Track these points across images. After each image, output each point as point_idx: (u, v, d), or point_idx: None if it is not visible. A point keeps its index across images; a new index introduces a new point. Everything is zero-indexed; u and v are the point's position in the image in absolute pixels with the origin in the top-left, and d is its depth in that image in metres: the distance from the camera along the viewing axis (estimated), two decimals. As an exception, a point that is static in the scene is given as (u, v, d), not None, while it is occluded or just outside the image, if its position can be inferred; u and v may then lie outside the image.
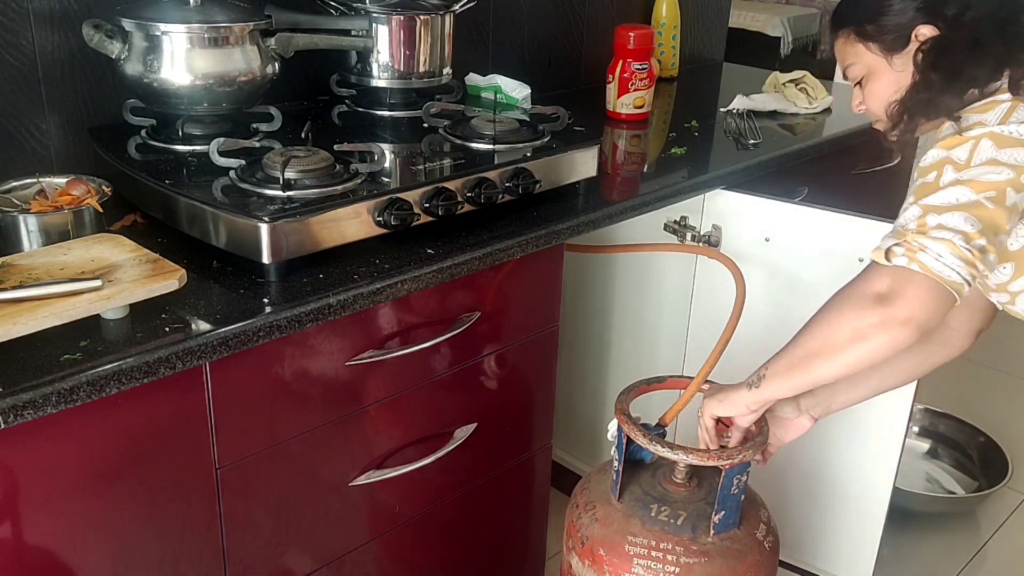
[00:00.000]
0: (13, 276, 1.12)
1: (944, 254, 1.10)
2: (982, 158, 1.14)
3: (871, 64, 1.32)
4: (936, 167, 1.17)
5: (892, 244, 1.14)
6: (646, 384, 1.58)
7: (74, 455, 1.10)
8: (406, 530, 1.56)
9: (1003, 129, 1.15)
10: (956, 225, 1.11)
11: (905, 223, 1.16)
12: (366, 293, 1.27)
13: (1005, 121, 1.16)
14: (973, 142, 1.16)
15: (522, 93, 1.91)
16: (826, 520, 2.02)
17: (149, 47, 1.44)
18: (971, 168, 1.14)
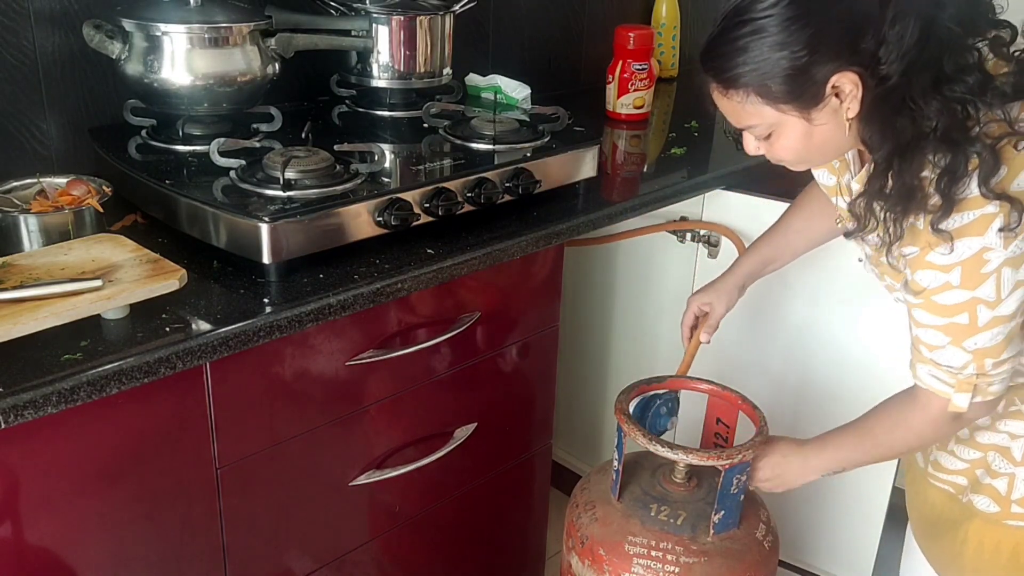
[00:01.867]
0: (13, 276, 1.12)
1: (1006, 376, 1.17)
2: (1009, 287, 1.09)
3: (780, 121, 1.12)
4: (966, 308, 1.11)
5: (969, 398, 1.17)
6: (646, 384, 1.58)
7: (74, 455, 1.10)
8: (406, 530, 1.56)
9: (1015, 251, 1.07)
10: (1010, 354, 1.15)
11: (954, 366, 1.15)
12: (366, 293, 1.27)
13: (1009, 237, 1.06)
14: (995, 277, 1.08)
15: (522, 93, 1.91)
16: (826, 520, 2.02)
17: (149, 47, 1.44)
18: (1004, 301, 1.10)
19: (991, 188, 1.04)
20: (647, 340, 2.13)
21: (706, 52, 1.12)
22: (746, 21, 1.06)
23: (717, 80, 1.12)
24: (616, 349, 2.22)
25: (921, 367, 1.20)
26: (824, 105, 1.08)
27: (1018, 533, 1.26)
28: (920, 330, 1.17)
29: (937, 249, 1.10)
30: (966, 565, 1.32)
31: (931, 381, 1.19)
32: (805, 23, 1.03)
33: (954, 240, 1.08)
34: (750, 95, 1.10)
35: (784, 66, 1.05)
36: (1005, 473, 1.26)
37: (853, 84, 1.05)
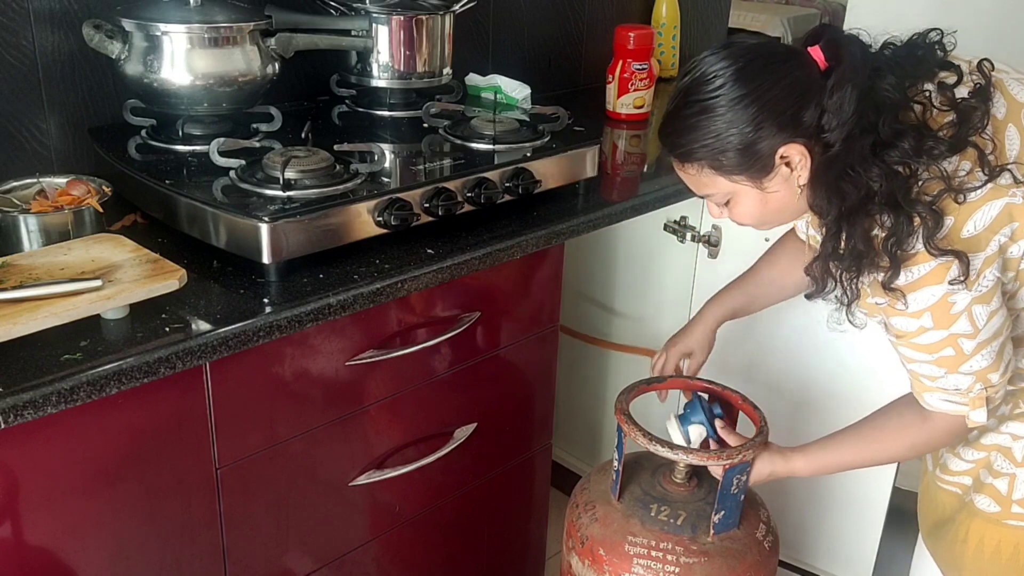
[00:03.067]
0: (13, 276, 1.12)
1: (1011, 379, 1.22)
2: (984, 318, 1.14)
3: (735, 191, 1.18)
4: (948, 344, 1.15)
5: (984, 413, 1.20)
6: (646, 384, 1.58)
7: (74, 455, 1.10)
8: (406, 530, 1.56)
9: (978, 290, 1.12)
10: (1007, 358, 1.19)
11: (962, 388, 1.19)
12: (366, 293, 1.27)
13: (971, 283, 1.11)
14: (967, 314, 1.13)
15: (522, 93, 1.91)
16: (826, 520, 2.02)
17: (149, 47, 1.44)
18: (983, 329, 1.14)
19: (936, 245, 1.09)
20: (647, 340, 2.13)
21: (662, 129, 1.21)
22: (695, 102, 1.13)
23: (673, 154, 1.20)
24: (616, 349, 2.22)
25: (929, 395, 1.22)
26: (774, 174, 1.15)
27: (1018, 533, 1.26)
28: (913, 365, 1.21)
29: (896, 304, 1.14)
30: (966, 565, 1.32)
31: (944, 405, 1.22)
32: (750, 101, 1.10)
33: (906, 295, 1.13)
34: (704, 168, 1.17)
35: (733, 142, 1.12)
36: (1006, 473, 1.26)
37: (800, 154, 1.12)
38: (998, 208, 1.11)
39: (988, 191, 1.10)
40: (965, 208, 1.10)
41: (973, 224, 1.11)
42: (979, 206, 1.10)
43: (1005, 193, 1.11)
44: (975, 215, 1.10)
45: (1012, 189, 1.11)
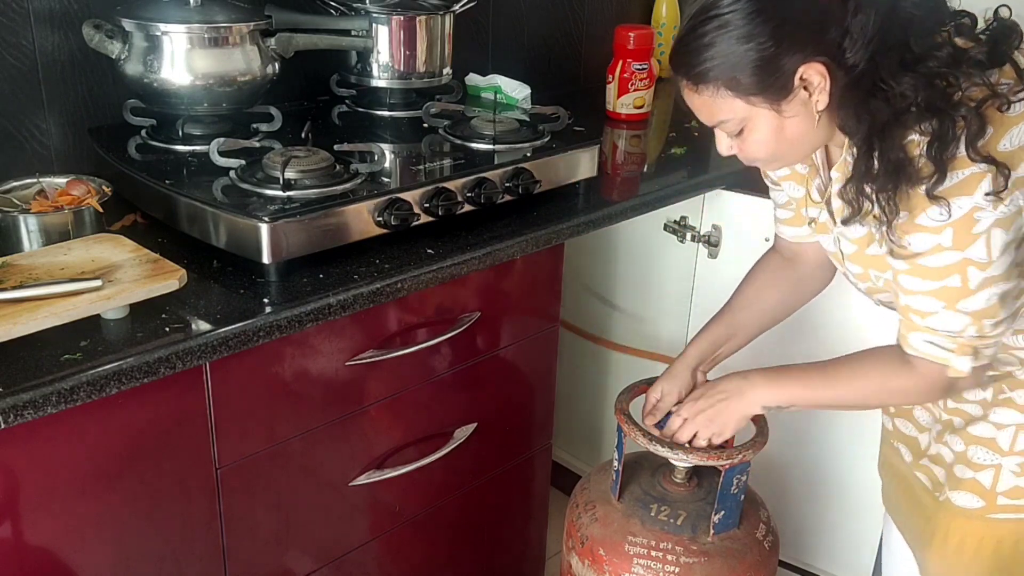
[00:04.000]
0: (13, 276, 1.12)
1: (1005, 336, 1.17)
2: (999, 248, 1.09)
3: (751, 116, 1.14)
4: (957, 270, 1.11)
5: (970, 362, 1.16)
6: (646, 384, 1.58)
7: (74, 455, 1.10)
8: (406, 530, 1.56)
9: (1006, 211, 1.08)
10: (1008, 312, 1.14)
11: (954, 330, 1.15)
12: (366, 293, 1.27)
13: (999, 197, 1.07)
14: (985, 237, 1.08)
15: (522, 93, 1.91)
16: (826, 520, 2.02)
17: (149, 47, 1.44)
18: (995, 263, 1.10)
19: (978, 150, 1.05)
20: (647, 340, 2.13)
21: (675, 51, 1.15)
22: (712, 17, 1.09)
23: (688, 77, 1.14)
24: (617, 341, 2.21)
25: (915, 335, 1.18)
26: (793, 97, 1.10)
27: (1002, 527, 1.24)
28: (910, 298, 1.16)
29: (929, 212, 1.10)
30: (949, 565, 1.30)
31: (927, 348, 1.17)
32: (769, 15, 1.06)
33: (944, 202, 1.08)
34: (720, 89, 1.12)
35: (752, 57, 1.08)
36: (990, 465, 1.23)
37: (820, 75, 1.08)
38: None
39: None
40: (1005, 121, 1.07)
41: (1009, 139, 1.07)
42: (1017, 122, 1.07)
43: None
44: (1013, 130, 1.07)
45: None
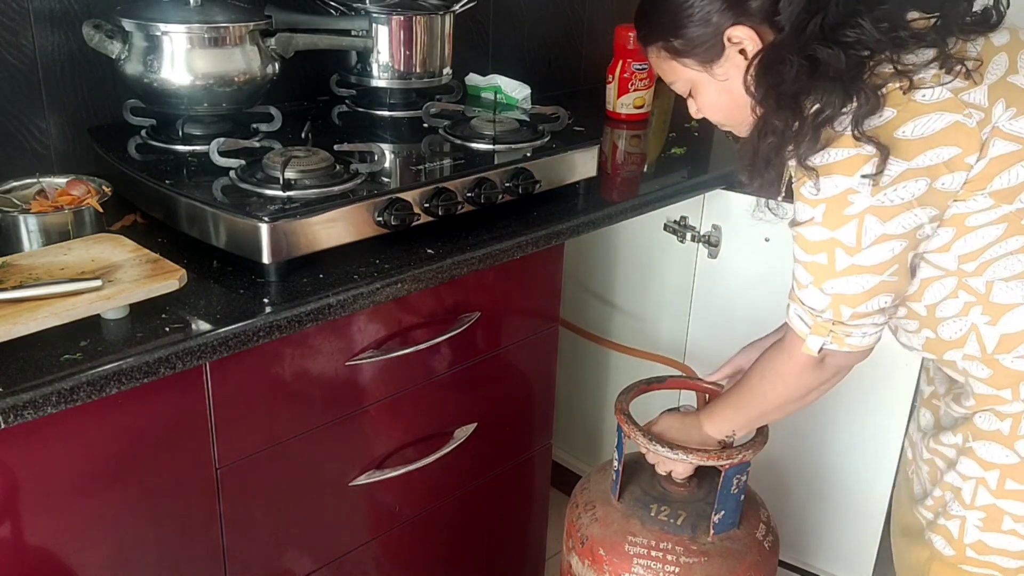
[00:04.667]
0: (13, 276, 1.12)
1: (867, 332, 1.15)
2: (872, 237, 1.07)
3: (693, 78, 1.19)
4: (825, 248, 1.10)
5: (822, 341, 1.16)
6: (646, 384, 1.58)
7: (74, 455, 1.10)
8: (406, 530, 1.56)
9: (881, 200, 1.05)
10: (872, 308, 1.13)
11: (815, 308, 1.15)
12: (366, 293, 1.27)
13: (878, 185, 1.04)
14: (857, 221, 1.06)
15: (522, 93, 1.91)
16: (826, 520, 2.02)
17: (149, 47, 1.44)
18: (865, 251, 1.08)
19: (863, 131, 1.03)
20: (647, 340, 2.13)
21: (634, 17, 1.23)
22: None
23: (639, 42, 1.23)
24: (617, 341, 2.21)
25: (791, 305, 1.19)
26: (724, 60, 1.14)
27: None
28: (795, 265, 1.16)
29: (807, 184, 1.09)
30: None
31: (795, 320, 1.18)
32: None
33: (820, 177, 1.07)
34: (661, 52, 1.19)
35: (682, 21, 1.13)
36: (957, 516, 1.22)
37: (751, 39, 1.11)
38: (945, 122, 1.04)
39: (944, 101, 1.04)
40: (911, 107, 1.04)
41: (913, 127, 1.04)
42: (927, 111, 1.04)
43: (960, 110, 1.04)
44: (919, 119, 1.04)
45: (969, 109, 1.04)
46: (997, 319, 1.12)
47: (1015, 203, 1.07)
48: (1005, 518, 1.16)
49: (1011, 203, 1.07)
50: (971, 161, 1.05)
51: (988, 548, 1.19)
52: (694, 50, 1.15)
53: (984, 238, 1.08)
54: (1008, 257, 1.08)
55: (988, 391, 1.17)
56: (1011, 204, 1.07)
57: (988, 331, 1.13)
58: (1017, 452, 1.15)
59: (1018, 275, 1.09)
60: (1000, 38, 1.10)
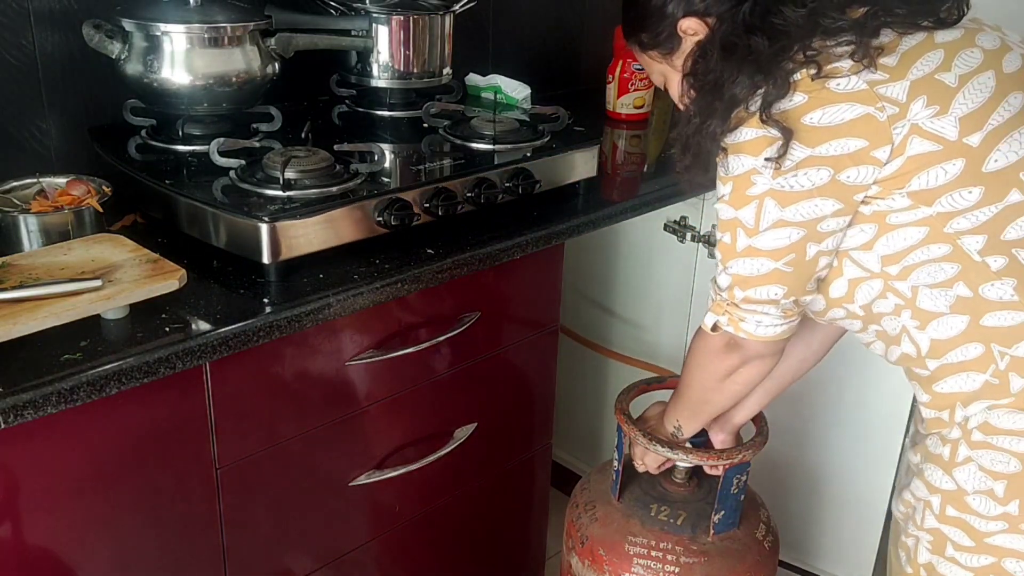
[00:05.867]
0: (13, 276, 1.12)
1: (762, 321, 1.15)
2: (769, 221, 1.07)
3: (663, 70, 1.25)
4: (729, 228, 1.12)
5: (716, 319, 1.18)
6: (646, 384, 1.58)
7: (74, 455, 1.10)
8: (406, 530, 1.56)
9: (782, 184, 1.05)
10: (763, 296, 1.13)
11: (721, 287, 1.17)
12: (366, 293, 1.27)
13: (780, 170, 1.05)
14: (757, 203, 1.07)
15: (522, 93, 1.91)
16: (826, 520, 2.02)
17: (149, 47, 1.44)
18: (762, 234, 1.08)
19: (770, 114, 1.04)
20: (647, 345, 2.13)
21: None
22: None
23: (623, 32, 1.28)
24: (616, 349, 2.22)
25: (711, 284, 1.21)
26: (682, 51, 1.18)
27: None
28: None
29: (721, 163, 1.12)
30: None
31: (709, 300, 1.21)
32: None
33: (729, 155, 1.10)
34: (635, 47, 1.25)
35: (643, 14, 1.20)
36: (913, 535, 1.21)
37: (699, 28, 1.15)
38: (855, 113, 1.02)
39: (857, 92, 1.02)
40: (822, 95, 1.03)
41: (821, 114, 1.03)
42: (838, 100, 1.02)
43: (873, 103, 1.02)
44: (828, 107, 1.03)
45: (883, 103, 1.02)
46: (925, 324, 1.11)
47: (934, 206, 1.04)
48: (947, 544, 1.15)
49: (930, 205, 1.04)
50: (880, 156, 1.03)
51: (936, 571, 1.17)
52: (657, 42, 1.21)
53: (906, 240, 1.07)
54: (931, 264, 1.07)
55: (932, 414, 1.16)
56: (930, 207, 1.04)
57: (919, 335, 1.12)
58: (954, 479, 1.13)
59: (941, 284, 1.07)
60: (947, 35, 1.06)
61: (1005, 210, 1.04)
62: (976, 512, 1.11)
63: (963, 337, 1.08)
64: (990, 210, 1.04)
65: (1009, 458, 1.08)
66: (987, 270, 1.05)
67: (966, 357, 1.09)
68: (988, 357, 1.08)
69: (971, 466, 1.11)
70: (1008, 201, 1.04)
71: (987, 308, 1.06)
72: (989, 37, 1.08)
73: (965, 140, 1.03)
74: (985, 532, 1.11)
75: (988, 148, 1.03)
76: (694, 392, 1.33)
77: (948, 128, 1.02)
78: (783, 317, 1.15)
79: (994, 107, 1.03)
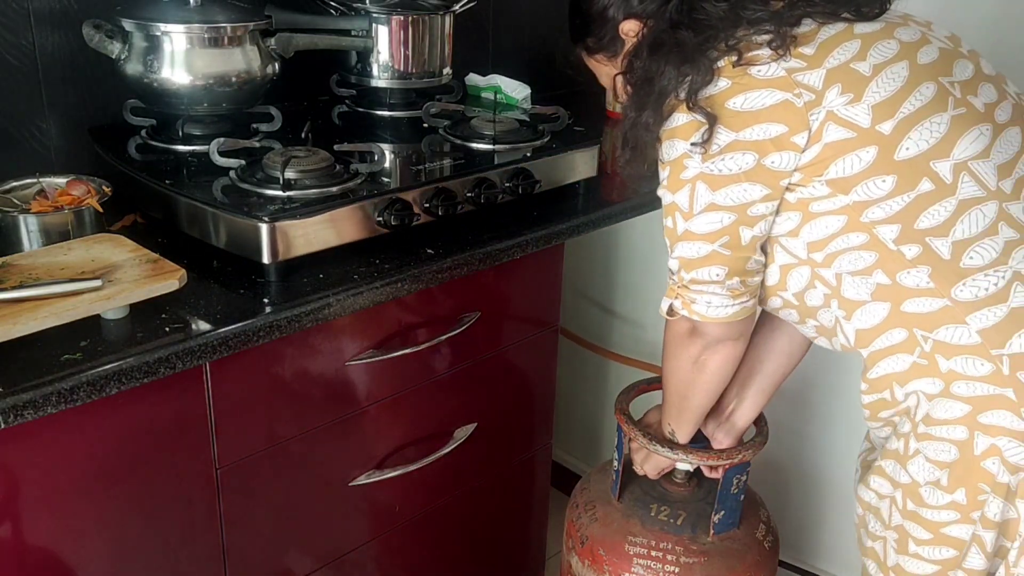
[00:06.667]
0: (13, 276, 1.12)
1: (712, 302, 1.17)
2: (702, 204, 1.10)
3: (609, 73, 1.28)
4: (669, 212, 1.15)
5: (671, 302, 1.21)
6: (646, 384, 1.59)
7: (74, 455, 1.10)
8: (406, 530, 1.56)
9: (711, 168, 1.08)
10: (706, 277, 1.15)
11: (672, 270, 1.20)
12: (366, 293, 1.27)
13: (708, 154, 1.07)
14: (690, 187, 1.10)
15: (522, 93, 1.91)
16: (826, 520, 2.02)
17: (149, 47, 1.44)
18: (695, 217, 1.11)
19: (696, 101, 1.07)
20: (647, 345, 2.13)
21: None
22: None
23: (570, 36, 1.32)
24: (616, 349, 2.22)
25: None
26: (625, 53, 1.21)
27: None
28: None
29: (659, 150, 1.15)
30: None
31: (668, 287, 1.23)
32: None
33: (663, 141, 1.13)
34: (582, 52, 1.31)
35: (587, 19, 1.25)
36: (880, 536, 1.21)
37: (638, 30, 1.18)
38: (775, 99, 1.05)
39: (776, 78, 1.05)
40: (744, 81, 1.06)
41: (743, 100, 1.06)
42: (759, 86, 1.05)
43: (791, 89, 1.04)
44: (750, 93, 1.05)
45: (800, 89, 1.04)
46: (850, 314, 1.12)
47: (851, 194, 1.06)
48: (909, 540, 1.16)
49: (847, 194, 1.06)
50: (799, 142, 1.05)
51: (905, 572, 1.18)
52: (601, 46, 1.25)
53: (828, 228, 1.09)
54: (851, 252, 1.08)
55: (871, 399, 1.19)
56: (847, 195, 1.06)
57: (846, 325, 1.14)
58: (908, 472, 1.14)
59: (861, 271, 1.09)
60: (867, 27, 1.09)
61: (917, 199, 1.05)
62: (929, 504, 1.12)
63: (886, 324, 1.10)
64: (903, 199, 1.05)
65: (949, 446, 1.09)
66: (902, 259, 1.06)
67: (892, 342, 1.11)
68: (912, 341, 1.09)
69: (919, 458, 1.12)
70: (920, 190, 1.05)
71: (906, 295, 1.07)
72: (909, 31, 1.10)
73: (877, 127, 1.04)
74: (939, 523, 1.12)
75: (899, 136, 1.05)
76: (672, 386, 1.36)
77: (861, 116, 1.04)
78: (732, 297, 1.16)
79: (905, 96, 1.05)
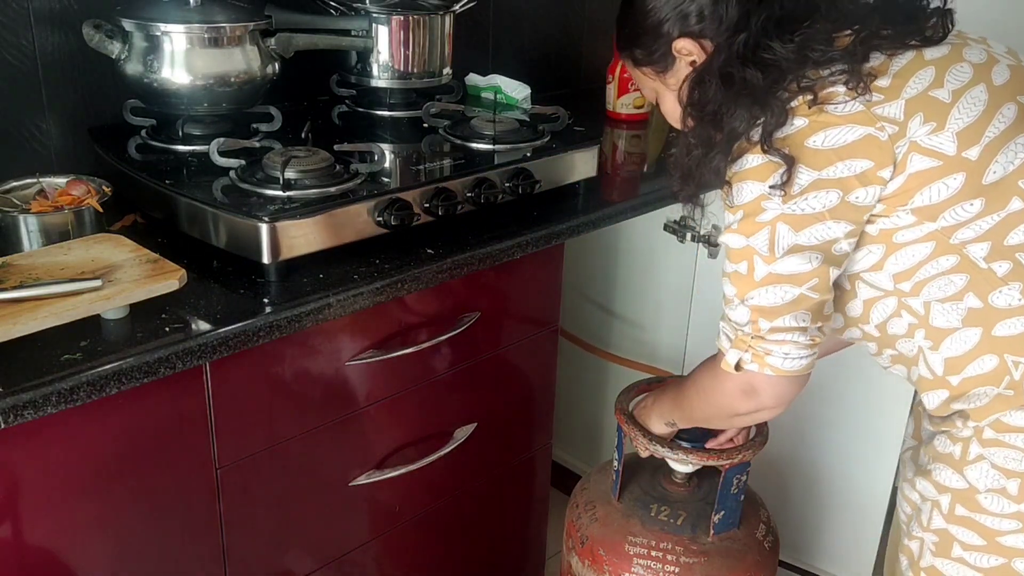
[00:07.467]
0: (13, 276, 1.12)
1: (789, 352, 1.12)
2: (784, 247, 1.06)
3: (655, 87, 1.25)
4: (744, 256, 1.10)
5: (740, 356, 1.14)
6: (646, 384, 1.58)
7: (74, 455, 1.10)
8: (406, 530, 1.56)
9: (793, 208, 1.05)
10: (791, 324, 1.10)
11: (739, 323, 1.13)
12: (366, 293, 1.27)
13: (789, 195, 1.05)
14: (769, 229, 1.06)
15: (522, 93, 1.91)
16: (826, 520, 2.02)
17: (149, 47, 1.44)
18: (779, 260, 1.07)
19: (771, 143, 1.05)
20: (646, 347, 2.13)
21: None
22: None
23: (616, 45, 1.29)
24: (616, 349, 2.22)
25: (721, 324, 1.18)
26: (676, 71, 1.19)
27: None
28: (723, 280, 1.16)
29: (727, 194, 1.12)
30: None
31: (722, 339, 1.17)
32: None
33: (732, 185, 1.10)
34: (628, 61, 1.27)
35: (637, 31, 1.21)
36: (917, 536, 1.20)
37: (695, 51, 1.15)
38: (857, 135, 1.04)
39: (855, 113, 1.04)
40: (822, 118, 1.04)
41: (824, 137, 1.04)
42: (838, 123, 1.04)
43: (872, 123, 1.03)
44: (829, 130, 1.04)
45: (882, 123, 1.03)
46: (938, 344, 1.11)
47: (938, 221, 1.05)
48: (954, 545, 1.15)
49: (934, 221, 1.05)
50: (885, 175, 1.04)
51: (940, 574, 1.17)
52: (650, 60, 1.21)
53: (914, 256, 1.08)
54: (941, 277, 1.07)
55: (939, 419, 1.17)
56: (934, 222, 1.05)
57: (933, 356, 1.12)
58: (965, 478, 1.12)
59: (952, 296, 1.08)
60: (936, 52, 1.08)
61: (1007, 218, 1.05)
62: (988, 511, 1.11)
63: (977, 350, 1.09)
64: (992, 219, 1.05)
65: (1022, 455, 1.08)
66: (993, 276, 1.06)
67: (982, 370, 1.09)
68: (1003, 368, 1.08)
69: (983, 464, 1.11)
70: (1010, 209, 1.05)
71: (997, 317, 1.07)
72: (975, 51, 1.10)
73: (964, 154, 1.04)
74: (997, 531, 1.11)
75: (987, 160, 1.04)
76: (696, 416, 1.34)
77: (946, 143, 1.04)
78: (810, 347, 1.12)
79: (989, 120, 1.05)
